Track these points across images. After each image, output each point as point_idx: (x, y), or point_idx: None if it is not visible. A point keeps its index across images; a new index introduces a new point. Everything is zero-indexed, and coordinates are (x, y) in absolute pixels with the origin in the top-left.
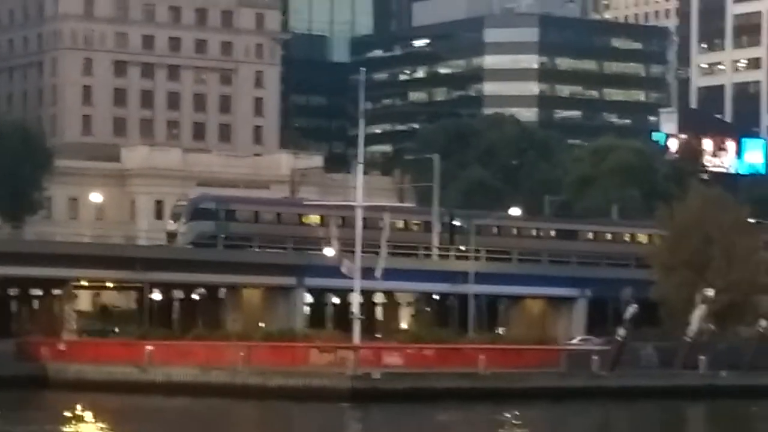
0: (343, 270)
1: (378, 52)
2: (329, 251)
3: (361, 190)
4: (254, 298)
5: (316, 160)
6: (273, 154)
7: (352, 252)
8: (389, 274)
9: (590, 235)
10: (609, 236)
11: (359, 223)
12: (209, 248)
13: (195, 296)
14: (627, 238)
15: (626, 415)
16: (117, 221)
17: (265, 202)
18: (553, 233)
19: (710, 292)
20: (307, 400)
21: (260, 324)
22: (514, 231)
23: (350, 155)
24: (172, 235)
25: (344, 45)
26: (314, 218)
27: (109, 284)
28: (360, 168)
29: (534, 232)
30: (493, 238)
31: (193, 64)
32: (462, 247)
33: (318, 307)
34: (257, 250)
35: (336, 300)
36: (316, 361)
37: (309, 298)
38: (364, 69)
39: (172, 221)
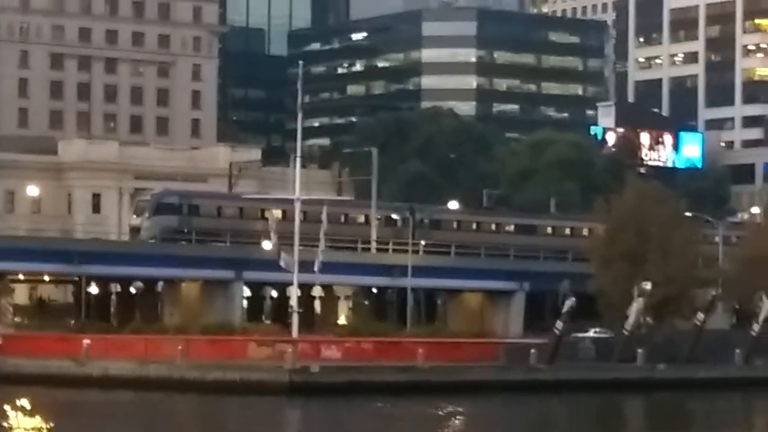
0: (282, 264)
1: (316, 46)
2: (267, 245)
3: (299, 183)
4: (192, 292)
5: (254, 154)
6: (211, 147)
7: (292, 246)
8: (328, 267)
9: (549, 230)
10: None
11: (297, 217)
12: (146, 242)
13: (132, 290)
14: (567, 231)
15: (564, 408)
16: (54, 214)
17: (228, 197)
18: (511, 227)
19: (647, 286)
20: (246, 393)
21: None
22: (474, 225)
23: (288, 149)
24: (135, 230)
25: (282, 38)
26: (277, 213)
27: (46, 278)
28: (298, 161)
29: (494, 227)
30: (452, 233)
31: (130, 57)
32: (423, 242)
33: (256, 300)
34: (195, 243)
35: (274, 293)
36: (254, 354)
37: (247, 292)
38: (302, 62)
39: (135, 216)
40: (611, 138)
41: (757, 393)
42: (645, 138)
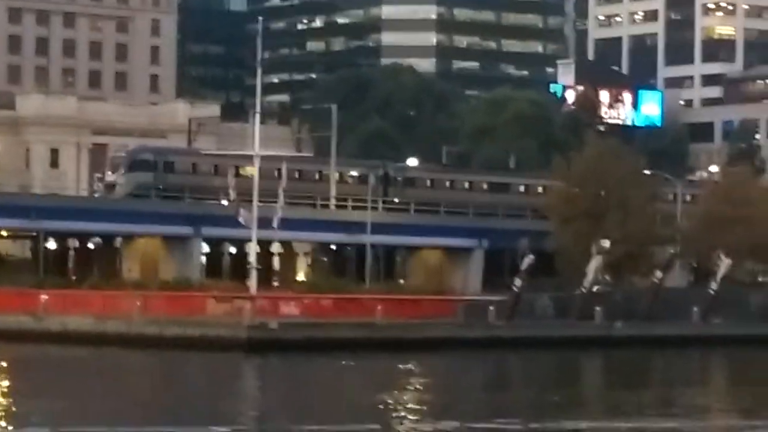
0: (240, 220)
1: (275, 1)
2: (226, 201)
3: (258, 139)
4: (151, 248)
5: (213, 110)
6: (170, 103)
7: (251, 202)
8: (287, 224)
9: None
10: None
11: (257, 173)
12: (104, 198)
13: (91, 245)
14: (540, 190)
15: (522, 365)
16: (11, 169)
17: (203, 154)
18: (485, 186)
19: (606, 243)
20: (204, 349)
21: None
22: (447, 183)
23: (247, 105)
24: (110, 186)
25: None
26: (251, 170)
27: (4, 233)
28: (257, 117)
29: (467, 185)
30: (425, 190)
31: (89, 12)
32: (396, 200)
33: (215, 257)
34: (155, 199)
35: (233, 250)
36: (213, 311)
37: (206, 248)
38: (262, 18)
39: (110, 172)
40: (571, 96)
41: (714, 350)
42: (604, 96)
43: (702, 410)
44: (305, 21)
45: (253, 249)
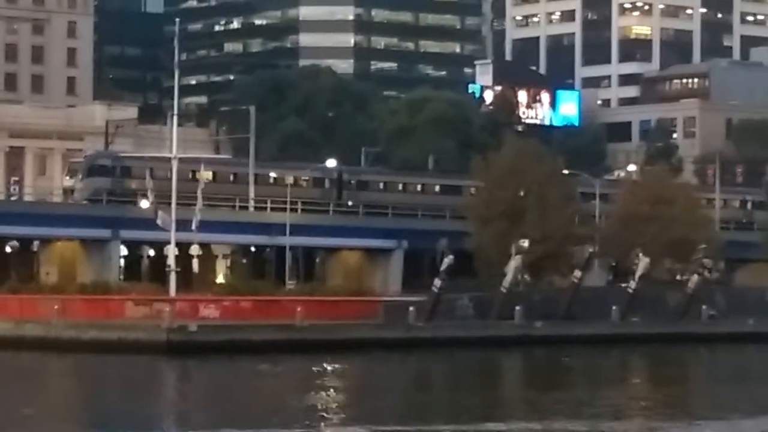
0: (159, 222)
1: (192, 3)
2: (144, 203)
3: (176, 141)
4: (69, 251)
5: (131, 112)
6: (87, 105)
7: (169, 204)
8: (206, 226)
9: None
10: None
11: (174, 176)
12: (21, 201)
13: (8, 249)
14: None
15: (442, 365)
16: None
17: (160, 159)
18: (437, 188)
19: (525, 243)
20: (123, 353)
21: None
22: (399, 186)
23: (165, 107)
24: (68, 191)
25: None
26: (207, 175)
27: None
28: (175, 120)
29: (419, 188)
30: (378, 193)
31: (4, 14)
32: (350, 203)
33: (134, 260)
34: (70, 202)
35: (152, 252)
36: (131, 314)
37: (124, 251)
38: (179, 20)
39: (68, 177)
40: (489, 96)
41: (632, 349)
42: (522, 96)
43: (619, 410)
44: (222, 22)
45: (171, 251)
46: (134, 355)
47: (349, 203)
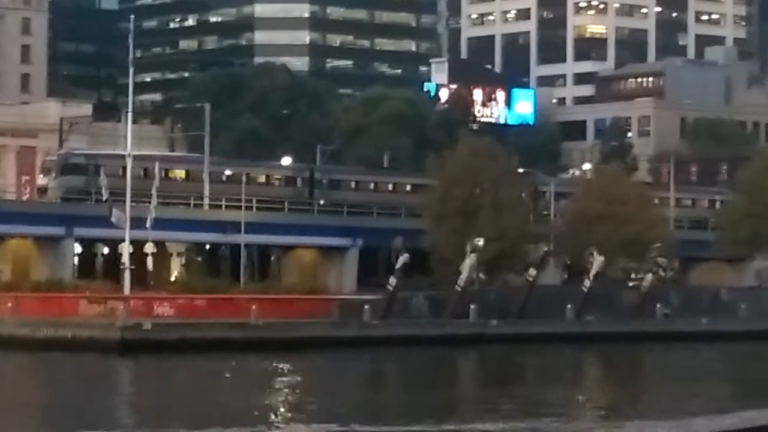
0: (113, 220)
1: (147, 0)
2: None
3: (130, 139)
4: (22, 249)
5: (85, 109)
6: (41, 102)
7: (124, 201)
8: (160, 224)
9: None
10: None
11: (129, 173)
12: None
13: None
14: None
15: (397, 364)
16: None
17: (134, 157)
18: (408, 188)
19: (480, 242)
20: (77, 351)
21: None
22: (371, 185)
23: (120, 104)
24: (42, 190)
25: None
26: (180, 173)
27: None
28: (130, 117)
29: (391, 187)
30: (350, 192)
31: None
32: (321, 202)
33: (88, 257)
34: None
35: (106, 250)
36: (85, 311)
37: (79, 249)
38: (133, 17)
39: (42, 175)
40: (444, 94)
41: (587, 348)
42: (478, 94)
43: (571, 408)
44: (178, 20)
45: (126, 249)
46: (88, 354)
47: (321, 202)
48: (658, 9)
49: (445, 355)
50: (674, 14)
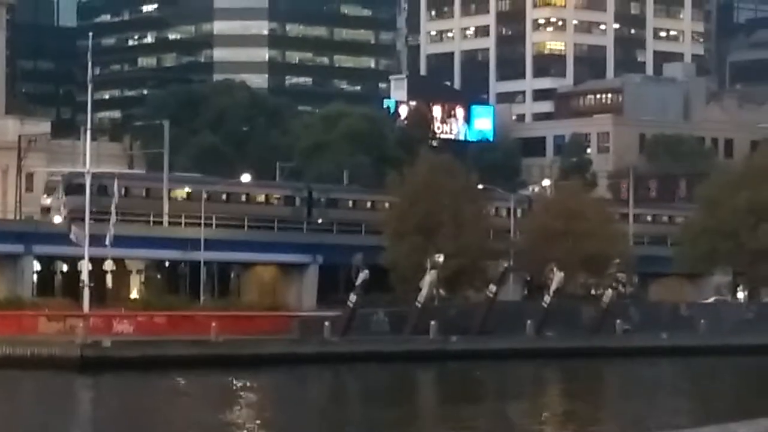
0: (72, 237)
1: (106, 17)
2: (57, 219)
3: (89, 156)
4: None
5: (44, 126)
6: None
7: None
8: (119, 241)
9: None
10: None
11: (88, 191)
12: None
13: None
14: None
15: (357, 380)
16: None
17: (136, 177)
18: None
19: (440, 258)
20: (36, 368)
21: None
22: (368, 204)
23: (79, 121)
24: (46, 210)
25: (71, 9)
26: (182, 193)
27: None
28: (88, 134)
29: (387, 205)
30: (347, 211)
31: None
32: (320, 221)
33: (47, 275)
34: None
35: (65, 268)
36: (44, 329)
37: (38, 266)
38: (92, 34)
39: (45, 195)
40: (404, 111)
41: (547, 363)
42: (437, 111)
43: (529, 424)
44: (136, 37)
45: (85, 267)
46: (48, 371)
47: (319, 221)
48: (617, 26)
49: (405, 372)
50: (633, 31)
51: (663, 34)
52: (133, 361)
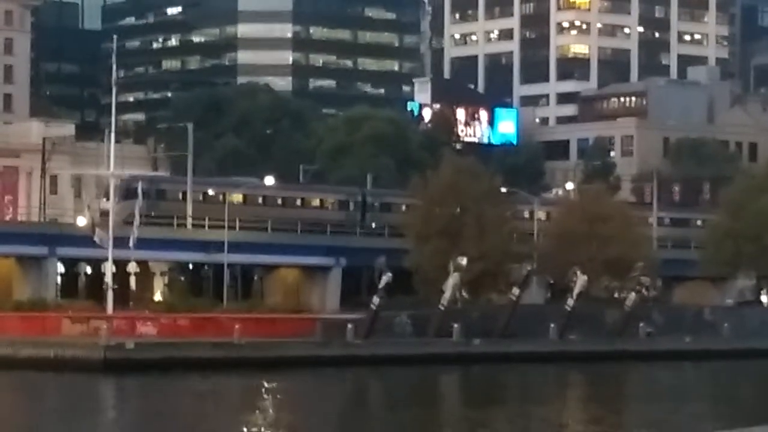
0: (96, 239)
1: (130, 20)
2: (82, 220)
3: (113, 159)
4: (4, 269)
5: (68, 129)
6: (23, 122)
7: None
8: (143, 243)
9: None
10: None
11: (112, 193)
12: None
13: None
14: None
15: (380, 383)
16: None
17: (193, 182)
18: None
19: (463, 261)
20: (60, 370)
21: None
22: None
23: (103, 124)
24: (105, 214)
25: (96, 12)
26: (238, 197)
27: None
28: (112, 137)
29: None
30: (400, 215)
31: None
32: (373, 225)
33: (71, 277)
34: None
35: (89, 270)
36: (68, 331)
37: (61, 268)
38: (116, 37)
39: (105, 200)
40: (427, 114)
41: (570, 367)
42: (461, 114)
43: (553, 428)
44: (161, 40)
45: (109, 269)
46: (71, 373)
47: (373, 225)
48: (641, 29)
49: (427, 374)
50: (657, 34)
51: (687, 37)
52: (156, 363)
